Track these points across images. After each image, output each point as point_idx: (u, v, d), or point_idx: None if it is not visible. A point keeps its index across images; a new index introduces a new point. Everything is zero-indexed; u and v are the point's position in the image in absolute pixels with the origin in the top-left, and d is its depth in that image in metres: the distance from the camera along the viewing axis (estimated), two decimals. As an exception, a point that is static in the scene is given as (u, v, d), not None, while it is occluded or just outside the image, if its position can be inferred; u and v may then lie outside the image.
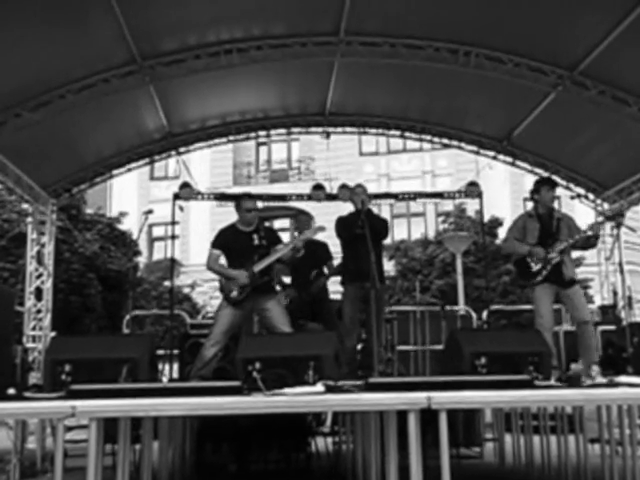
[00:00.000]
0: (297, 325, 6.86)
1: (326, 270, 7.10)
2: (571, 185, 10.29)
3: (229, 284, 5.83)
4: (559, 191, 7.41)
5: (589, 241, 6.13)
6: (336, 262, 7.06)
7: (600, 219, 8.04)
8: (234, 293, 5.79)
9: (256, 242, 5.95)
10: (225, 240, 6.01)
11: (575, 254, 6.76)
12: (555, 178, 10.02)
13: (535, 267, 5.96)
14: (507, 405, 5.16)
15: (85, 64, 7.52)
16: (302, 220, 7.17)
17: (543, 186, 6.20)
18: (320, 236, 6.33)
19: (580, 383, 4.18)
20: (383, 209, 17.92)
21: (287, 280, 7.32)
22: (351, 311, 6.35)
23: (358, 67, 8.31)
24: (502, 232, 18.29)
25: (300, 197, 10.88)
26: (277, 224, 22.95)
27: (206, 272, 6.29)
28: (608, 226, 8.93)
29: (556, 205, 6.31)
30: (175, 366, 7.67)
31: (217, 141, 10.32)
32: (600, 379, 4.29)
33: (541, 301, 5.94)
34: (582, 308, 6.00)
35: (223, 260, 6.04)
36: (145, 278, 18.70)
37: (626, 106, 8.01)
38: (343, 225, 6.52)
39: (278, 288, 7.21)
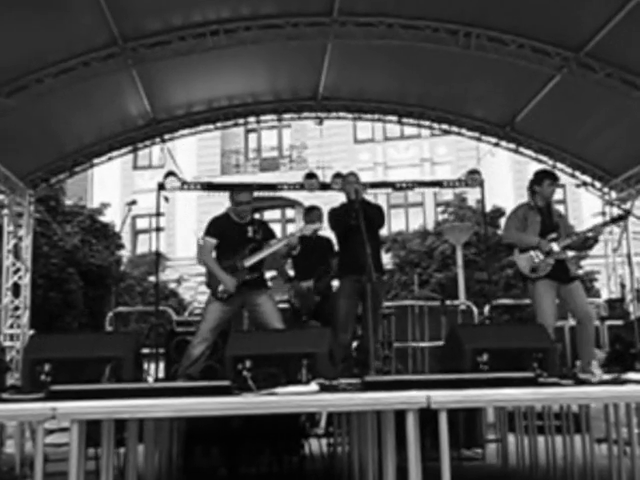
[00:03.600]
0: (300, 322, 6.88)
1: (331, 268, 7.09)
2: (577, 173, 10.32)
3: (217, 280, 5.84)
4: (564, 179, 7.45)
5: (587, 242, 6.13)
6: None
7: (604, 220, 8.07)
8: (221, 288, 5.80)
9: (250, 235, 5.95)
10: (219, 229, 6.00)
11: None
12: (560, 166, 10.10)
13: (537, 260, 5.96)
14: (510, 404, 5.19)
15: (63, 46, 7.48)
16: (315, 215, 7.12)
17: (546, 179, 6.17)
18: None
19: (586, 380, 4.19)
20: (379, 199, 17.88)
21: (291, 273, 7.32)
22: (346, 306, 6.35)
23: (353, 49, 8.30)
24: (504, 222, 18.37)
25: (292, 187, 10.87)
26: (267, 215, 22.96)
27: (193, 266, 6.29)
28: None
29: (560, 197, 6.30)
30: (161, 365, 7.67)
31: (204, 128, 10.31)
32: (599, 373, 4.30)
33: (543, 297, 5.92)
34: (584, 304, 6.00)
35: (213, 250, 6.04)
36: (129, 273, 18.65)
37: (635, 89, 8.02)
38: (336, 217, 6.51)
39: (283, 281, 7.23)
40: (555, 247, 5.96)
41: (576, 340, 6.08)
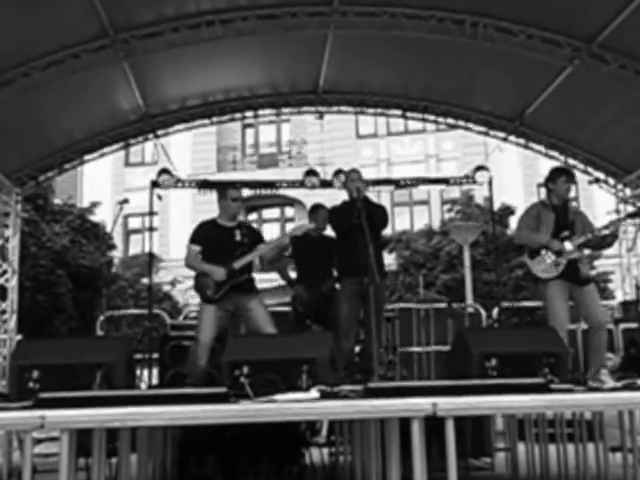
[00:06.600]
0: (303, 326, 6.90)
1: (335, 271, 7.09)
2: (589, 169, 10.30)
3: (205, 282, 5.92)
4: (576, 175, 7.45)
5: (605, 240, 6.13)
6: None
7: (619, 216, 8.07)
8: (209, 291, 5.90)
9: (238, 238, 6.09)
10: (205, 235, 6.13)
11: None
12: (572, 162, 10.10)
13: (549, 260, 5.96)
14: (520, 411, 5.18)
15: (52, 38, 7.48)
16: (320, 214, 7.13)
17: (560, 176, 6.22)
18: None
19: (600, 386, 4.19)
20: (383, 197, 17.92)
21: (293, 275, 7.32)
22: (348, 309, 6.36)
23: (354, 40, 8.29)
24: (514, 221, 18.35)
25: (291, 184, 10.87)
26: (265, 214, 22.98)
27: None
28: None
29: (572, 195, 6.32)
30: (154, 371, 7.67)
31: (199, 123, 10.31)
32: (610, 382, 4.30)
33: (555, 299, 5.93)
34: (597, 310, 5.99)
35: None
36: (121, 275, 18.65)
37: (650, 81, 8.02)
38: (337, 215, 6.52)
39: (284, 284, 7.25)
40: (568, 246, 5.96)
41: (587, 346, 6.09)
